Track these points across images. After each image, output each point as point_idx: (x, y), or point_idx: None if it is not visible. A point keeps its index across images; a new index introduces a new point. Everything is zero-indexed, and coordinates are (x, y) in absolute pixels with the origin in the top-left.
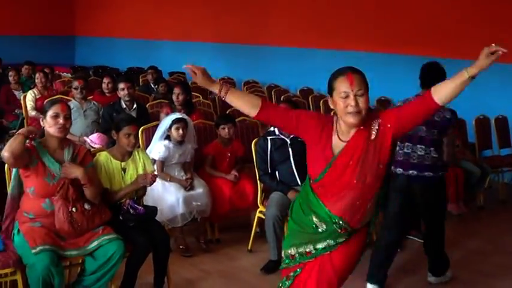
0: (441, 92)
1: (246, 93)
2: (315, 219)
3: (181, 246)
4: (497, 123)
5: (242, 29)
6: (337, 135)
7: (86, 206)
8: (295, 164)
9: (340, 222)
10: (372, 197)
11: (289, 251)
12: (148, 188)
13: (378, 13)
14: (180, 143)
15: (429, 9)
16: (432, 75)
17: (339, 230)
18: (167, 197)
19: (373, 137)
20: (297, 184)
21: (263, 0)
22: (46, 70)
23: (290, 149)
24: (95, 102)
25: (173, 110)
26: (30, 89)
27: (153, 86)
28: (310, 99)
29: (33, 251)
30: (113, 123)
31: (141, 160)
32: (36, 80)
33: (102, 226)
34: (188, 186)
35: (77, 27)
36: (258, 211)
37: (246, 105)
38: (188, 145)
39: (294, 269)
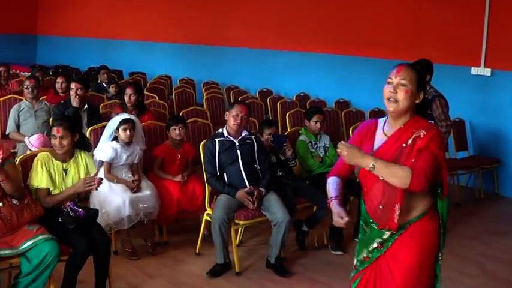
0: None
1: (336, 186)
2: (361, 221)
3: (127, 249)
4: (454, 126)
5: (203, 30)
6: (383, 130)
7: (14, 201)
8: (243, 166)
9: (372, 221)
10: (401, 203)
11: (354, 261)
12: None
13: (338, 15)
14: (128, 144)
15: (390, 12)
16: None
17: (376, 227)
18: (113, 198)
19: (409, 141)
20: (245, 186)
21: (224, 1)
22: (1, 69)
23: (238, 151)
24: (46, 103)
25: (124, 110)
26: None
27: (105, 86)
28: (268, 100)
29: None
30: None
31: (83, 161)
32: None
33: (37, 226)
34: (135, 188)
35: (39, 26)
36: (205, 214)
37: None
38: (136, 146)
39: (355, 278)
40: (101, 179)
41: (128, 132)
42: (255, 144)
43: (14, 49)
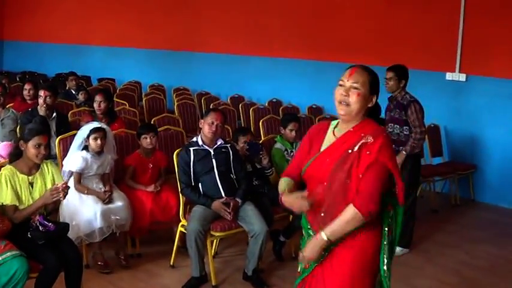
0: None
1: (288, 187)
2: (303, 225)
3: (99, 263)
4: (429, 131)
5: (173, 35)
6: (333, 131)
7: None
8: (219, 175)
9: (310, 230)
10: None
11: (298, 268)
12: (65, 201)
13: (311, 21)
14: (99, 153)
15: (364, 16)
16: None
17: (313, 235)
18: (84, 210)
19: (356, 148)
20: (221, 196)
21: (195, 6)
22: None
23: (214, 160)
24: (13, 110)
25: (94, 118)
26: None
27: (74, 93)
28: (240, 107)
29: None
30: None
31: (50, 173)
32: None
33: (4, 242)
34: (107, 199)
35: (5, 31)
36: (180, 225)
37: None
38: (107, 156)
39: (299, 287)
40: (68, 186)
41: (98, 141)
42: (231, 153)
43: None
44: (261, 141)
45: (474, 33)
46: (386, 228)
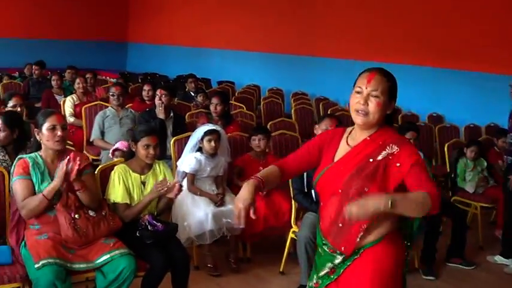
0: None
1: (266, 171)
2: (317, 241)
3: (208, 265)
4: None
5: (292, 39)
6: (347, 140)
7: (91, 213)
8: None
9: (325, 242)
10: (360, 223)
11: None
12: (177, 202)
13: (427, 27)
14: (213, 155)
15: (479, 24)
16: None
17: (328, 251)
18: (196, 212)
19: (379, 157)
20: None
21: (314, 11)
22: (88, 75)
23: None
24: (131, 110)
25: (210, 120)
26: (72, 94)
27: (193, 95)
28: None
29: (36, 265)
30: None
31: (162, 173)
32: (75, 85)
33: (114, 240)
34: (219, 202)
35: (130, 34)
36: (291, 231)
37: (274, 181)
38: (221, 158)
39: None
40: (181, 185)
41: (212, 143)
42: None
43: (106, 56)
44: None
45: None
46: (409, 232)
